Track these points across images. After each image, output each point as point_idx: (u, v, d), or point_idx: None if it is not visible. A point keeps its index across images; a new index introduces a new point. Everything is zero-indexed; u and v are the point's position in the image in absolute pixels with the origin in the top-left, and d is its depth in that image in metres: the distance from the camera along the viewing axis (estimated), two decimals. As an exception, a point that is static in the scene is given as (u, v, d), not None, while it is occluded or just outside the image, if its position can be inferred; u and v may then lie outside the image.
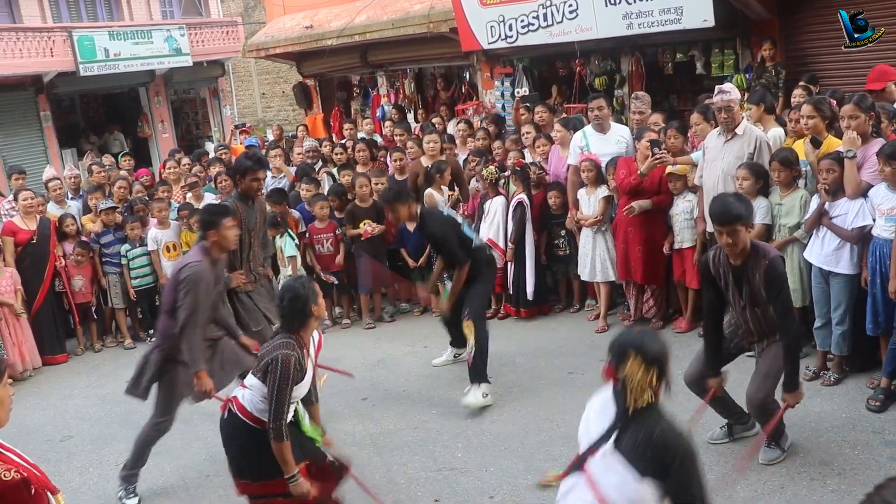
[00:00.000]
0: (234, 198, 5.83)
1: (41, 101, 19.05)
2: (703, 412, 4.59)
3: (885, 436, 4.70)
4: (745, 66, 9.07)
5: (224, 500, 4.85)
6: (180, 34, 20.86)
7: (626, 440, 2.75)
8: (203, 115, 24.49)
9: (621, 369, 2.80)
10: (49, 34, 18.41)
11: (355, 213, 7.99)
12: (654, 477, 2.68)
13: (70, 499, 5.00)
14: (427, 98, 13.58)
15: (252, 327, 5.65)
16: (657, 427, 2.74)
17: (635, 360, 2.77)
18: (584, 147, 7.16)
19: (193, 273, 4.70)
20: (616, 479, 2.72)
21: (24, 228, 7.93)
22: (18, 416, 6.63)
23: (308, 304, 3.80)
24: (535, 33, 9.99)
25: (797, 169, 5.75)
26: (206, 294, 4.76)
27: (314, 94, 15.15)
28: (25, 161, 15.47)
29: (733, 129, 6.04)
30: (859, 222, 5.18)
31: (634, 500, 2.70)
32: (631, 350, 2.80)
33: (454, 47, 11.27)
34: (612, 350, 2.88)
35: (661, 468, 2.68)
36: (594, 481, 2.77)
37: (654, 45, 10.00)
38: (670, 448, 2.70)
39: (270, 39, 14.42)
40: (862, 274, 5.25)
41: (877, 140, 5.33)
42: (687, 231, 6.60)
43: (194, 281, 4.68)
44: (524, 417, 5.51)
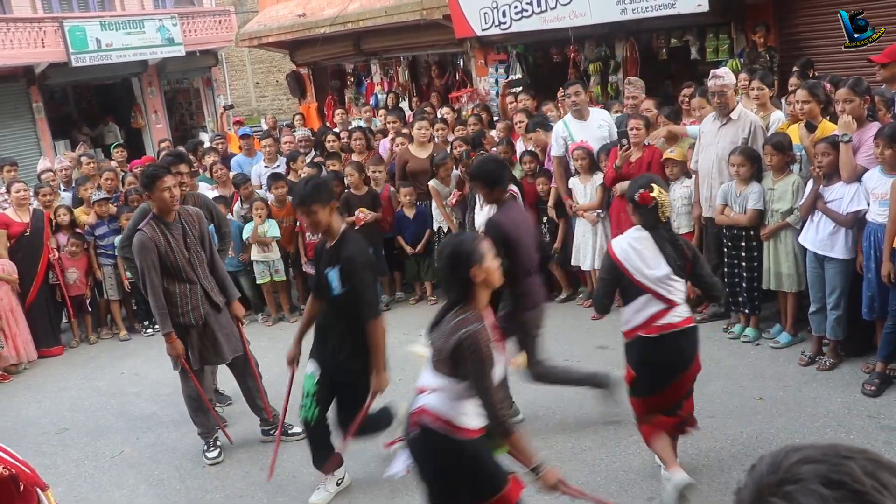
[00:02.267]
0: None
1: (33, 93, 18.95)
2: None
3: (881, 420, 4.71)
4: (740, 51, 9.05)
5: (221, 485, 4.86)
6: (172, 24, 20.73)
7: None
8: (197, 105, 24.39)
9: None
10: (40, 25, 18.29)
11: (350, 201, 7.97)
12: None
13: (66, 490, 5.02)
14: (421, 86, 13.54)
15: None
16: None
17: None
18: (566, 137, 7.11)
19: (136, 241, 4.98)
20: None
21: (17, 221, 7.89)
22: (14, 409, 6.66)
23: (470, 264, 3.10)
24: (528, 19, 9.96)
25: (790, 154, 5.74)
26: (157, 258, 4.91)
27: (308, 83, 15.11)
28: (18, 153, 15.37)
29: (728, 114, 6.03)
30: (854, 207, 5.17)
31: None
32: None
33: (448, 34, 11.23)
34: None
35: None
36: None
37: (648, 31, 9.97)
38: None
39: (263, 28, 14.36)
40: (857, 258, 5.25)
41: (872, 124, 5.32)
42: (683, 217, 6.59)
43: (136, 249, 4.95)
44: (520, 406, 5.50)
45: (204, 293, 5.15)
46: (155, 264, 4.93)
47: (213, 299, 5.20)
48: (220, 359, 5.32)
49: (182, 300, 5.06)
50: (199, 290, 5.11)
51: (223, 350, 5.25)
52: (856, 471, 1.03)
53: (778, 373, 5.51)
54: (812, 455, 1.07)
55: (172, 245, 4.99)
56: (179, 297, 5.05)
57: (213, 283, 5.24)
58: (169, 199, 4.96)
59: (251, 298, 8.51)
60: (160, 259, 4.95)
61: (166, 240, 4.98)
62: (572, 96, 7.10)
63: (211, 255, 5.29)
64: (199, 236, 5.17)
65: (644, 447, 4.68)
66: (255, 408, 5.53)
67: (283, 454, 5.23)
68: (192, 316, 5.09)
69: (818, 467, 1.05)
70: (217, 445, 5.33)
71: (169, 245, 4.98)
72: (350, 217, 7.90)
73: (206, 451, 5.29)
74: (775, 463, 1.09)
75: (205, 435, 5.31)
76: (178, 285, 5.03)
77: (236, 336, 5.38)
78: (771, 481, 1.07)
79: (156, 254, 4.93)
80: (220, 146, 10.32)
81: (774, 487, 1.06)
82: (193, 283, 5.08)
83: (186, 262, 5.05)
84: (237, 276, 8.30)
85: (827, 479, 1.02)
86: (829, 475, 1.03)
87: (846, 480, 1.02)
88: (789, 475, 1.06)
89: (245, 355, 5.44)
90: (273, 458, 4.88)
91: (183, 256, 5.04)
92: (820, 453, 1.07)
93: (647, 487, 4.30)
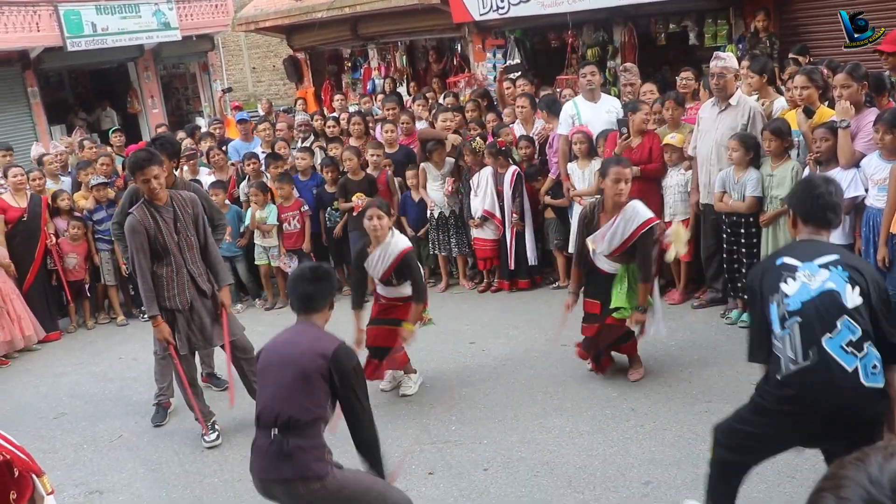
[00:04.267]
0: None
1: (28, 77, 18.80)
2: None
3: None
4: (739, 37, 9.02)
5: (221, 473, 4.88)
6: (168, 8, 20.57)
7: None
8: (193, 89, 24.23)
9: None
10: (35, 8, 18.13)
11: (347, 187, 7.95)
12: None
13: (64, 475, 5.03)
14: (419, 71, 13.48)
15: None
16: None
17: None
18: (574, 116, 7.11)
19: (127, 224, 5.04)
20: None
21: (14, 206, 7.86)
22: (12, 395, 6.67)
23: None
24: (526, 4, 9.91)
25: (789, 140, 5.73)
26: (146, 240, 4.96)
27: (305, 68, 15.05)
28: (14, 138, 15.28)
29: (727, 100, 6.01)
30: (852, 192, 5.16)
31: None
32: None
33: (446, 19, 11.17)
34: None
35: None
36: None
37: (646, 16, 9.93)
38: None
39: (260, 13, 14.28)
40: (855, 244, 5.25)
41: (870, 109, 5.31)
42: (680, 203, 6.60)
43: (128, 232, 5.02)
44: (518, 390, 5.52)
45: (190, 277, 5.13)
46: (144, 247, 4.96)
47: (199, 285, 5.18)
48: (208, 343, 5.35)
49: (168, 283, 5.07)
50: (185, 275, 5.10)
51: (210, 335, 5.26)
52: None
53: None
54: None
55: (162, 228, 5.00)
56: (166, 280, 5.06)
57: (202, 268, 5.21)
58: (151, 188, 4.95)
59: (248, 283, 8.52)
60: (149, 242, 4.97)
61: (156, 223, 4.99)
62: (588, 76, 7.09)
63: (205, 240, 5.26)
64: (192, 220, 5.15)
65: (642, 432, 4.71)
66: (251, 390, 5.37)
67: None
68: (178, 300, 5.10)
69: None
70: (216, 429, 5.34)
71: (158, 228, 4.99)
72: (346, 203, 7.90)
73: (205, 436, 5.31)
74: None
75: (203, 418, 5.30)
76: (165, 268, 5.05)
77: (229, 321, 5.36)
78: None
79: (145, 236, 4.95)
80: (218, 131, 10.29)
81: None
82: (180, 267, 5.08)
83: (175, 245, 5.05)
84: (234, 261, 8.32)
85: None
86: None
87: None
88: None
89: (241, 341, 5.45)
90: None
91: (172, 239, 5.03)
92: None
93: (644, 472, 4.32)
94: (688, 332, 6.19)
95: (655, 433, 4.70)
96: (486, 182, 7.46)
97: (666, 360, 5.71)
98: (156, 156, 5.10)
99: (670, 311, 6.59)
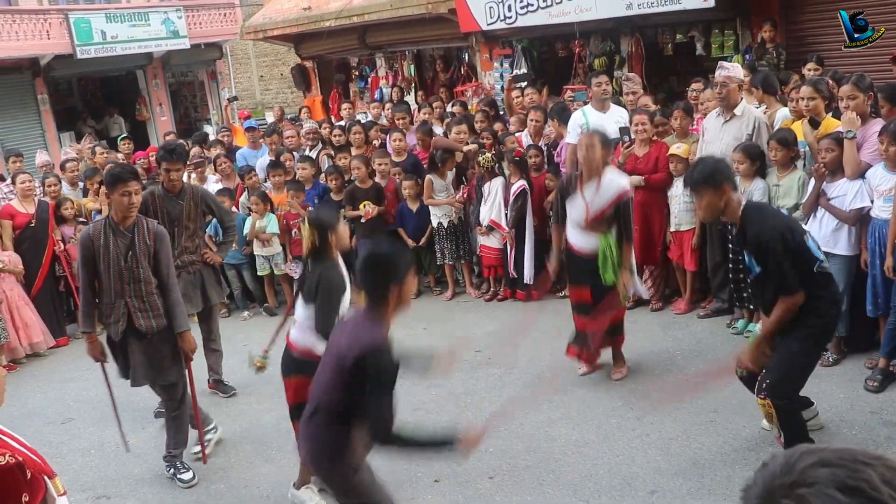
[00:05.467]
0: (158, 189, 5.89)
1: (38, 85, 18.95)
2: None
3: (883, 416, 4.72)
4: (745, 47, 9.04)
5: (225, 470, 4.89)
6: (177, 16, 20.73)
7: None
8: (201, 97, 24.39)
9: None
10: (45, 16, 18.30)
11: (355, 195, 7.98)
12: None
13: (72, 480, 5.04)
14: (426, 80, 13.53)
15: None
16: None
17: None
18: (583, 125, 7.13)
19: (79, 240, 4.90)
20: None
21: (22, 212, 7.91)
22: (20, 400, 6.69)
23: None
24: (534, 14, 9.95)
25: (795, 149, 5.74)
26: (90, 256, 4.72)
27: (312, 77, 15.10)
28: (23, 145, 15.40)
29: (731, 110, 6.03)
30: (857, 203, 5.17)
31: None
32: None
33: (453, 28, 11.22)
34: None
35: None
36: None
37: (653, 26, 9.96)
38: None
39: (268, 21, 14.35)
40: (861, 255, 5.25)
41: (876, 120, 5.31)
42: (685, 214, 6.59)
43: (79, 242, 4.87)
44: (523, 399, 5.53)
45: (126, 311, 4.76)
46: (87, 262, 4.74)
47: (134, 321, 4.78)
48: (135, 382, 4.99)
49: (106, 309, 4.82)
50: (121, 306, 4.75)
51: (138, 375, 4.92)
52: (873, 478, 1.00)
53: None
54: (828, 459, 1.04)
55: (111, 251, 4.71)
56: (105, 306, 4.83)
57: (148, 305, 4.79)
58: (126, 204, 4.69)
59: (254, 290, 8.57)
60: (94, 260, 4.74)
61: (106, 244, 4.71)
62: (602, 85, 7.14)
63: (167, 278, 4.86)
64: (149, 254, 4.78)
65: (647, 441, 4.71)
66: (168, 438, 5.09)
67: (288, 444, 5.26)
68: (111, 329, 4.85)
69: (834, 471, 1.01)
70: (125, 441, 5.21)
71: (106, 250, 4.71)
72: (354, 211, 7.93)
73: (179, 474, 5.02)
74: (789, 464, 1.06)
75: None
76: (105, 294, 4.79)
77: (162, 365, 4.92)
78: (783, 482, 1.04)
79: (91, 253, 4.71)
80: (227, 138, 10.36)
81: (787, 489, 1.03)
82: (118, 297, 4.74)
83: (116, 273, 4.72)
84: (240, 269, 8.36)
85: (843, 485, 0.99)
86: (846, 480, 1.00)
87: (863, 487, 0.99)
88: (803, 477, 1.03)
89: (182, 390, 5.04)
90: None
91: (115, 265, 4.71)
92: (836, 457, 1.04)
93: (649, 481, 4.32)
94: (693, 342, 6.19)
95: (661, 442, 4.70)
96: (496, 192, 7.50)
97: (672, 370, 5.72)
98: (136, 173, 5.03)
99: (676, 321, 6.60)
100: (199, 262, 6.04)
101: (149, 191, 5.95)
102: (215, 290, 6.22)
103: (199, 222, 6.10)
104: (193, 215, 5.98)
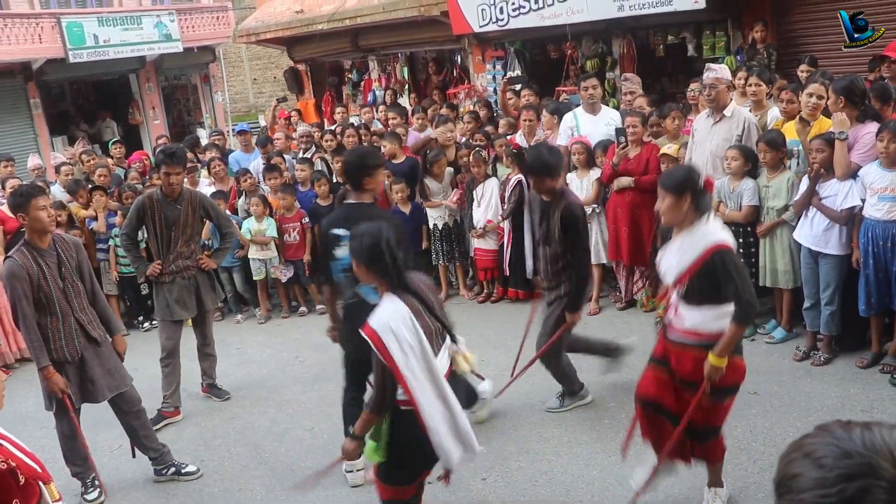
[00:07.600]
0: (156, 193, 5.93)
1: (31, 89, 18.91)
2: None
3: (874, 414, 4.74)
4: (737, 48, 9.07)
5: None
6: (170, 20, 20.70)
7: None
8: (194, 101, 24.36)
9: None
10: (37, 20, 18.25)
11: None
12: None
13: (65, 484, 5.03)
14: (419, 82, 13.54)
15: (163, 317, 5.94)
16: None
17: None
18: (574, 128, 7.17)
19: (5, 269, 4.70)
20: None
21: (12, 217, 7.85)
22: (13, 404, 6.67)
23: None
24: (526, 16, 9.96)
25: (784, 150, 5.76)
26: (28, 287, 4.59)
27: (305, 80, 15.10)
28: (15, 150, 15.36)
29: (721, 111, 6.06)
30: (848, 203, 5.20)
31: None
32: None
33: (446, 31, 11.23)
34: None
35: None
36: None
37: (645, 28, 9.97)
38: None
39: (261, 24, 14.35)
40: (853, 255, 5.28)
41: (870, 123, 5.32)
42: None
43: (6, 277, 4.63)
44: (517, 399, 5.54)
45: (79, 325, 4.79)
46: (27, 294, 4.60)
47: (89, 332, 4.84)
48: (100, 396, 4.94)
49: (54, 334, 4.72)
50: (72, 323, 4.76)
51: (101, 387, 4.90)
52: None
53: (773, 368, 5.55)
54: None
55: (46, 274, 4.66)
56: (51, 331, 4.72)
57: (91, 315, 4.89)
58: (45, 218, 4.65)
59: (245, 294, 8.55)
60: (31, 288, 4.62)
61: (39, 268, 4.64)
62: (590, 89, 7.15)
63: (91, 286, 4.96)
64: (76, 266, 4.83)
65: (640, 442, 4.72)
66: (141, 447, 5.17)
67: (282, 447, 5.27)
68: (66, 351, 4.76)
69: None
70: (96, 485, 5.00)
71: (42, 273, 4.64)
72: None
73: (85, 494, 4.97)
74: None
75: (80, 475, 5.00)
76: (49, 318, 4.70)
77: (120, 372, 5.01)
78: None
79: (27, 282, 4.59)
80: (220, 142, 10.37)
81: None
82: (67, 315, 4.73)
83: (60, 293, 4.71)
84: (231, 272, 8.35)
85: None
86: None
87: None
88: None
89: (130, 393, 5.07)
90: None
91: (57, 286, 4.70)
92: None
93: (642, 481, 4.32)
94: (686, 342, 6.19)
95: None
96: (490, 193, 7.51)
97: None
98: (44, 189, 5.01)
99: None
100: (194, 268, 6.03)
101: (146, 195, 5.99)
102: (210, 296, 6.23)
103: (196, 228, 6.12)
104: (191, 220, 5.98)
